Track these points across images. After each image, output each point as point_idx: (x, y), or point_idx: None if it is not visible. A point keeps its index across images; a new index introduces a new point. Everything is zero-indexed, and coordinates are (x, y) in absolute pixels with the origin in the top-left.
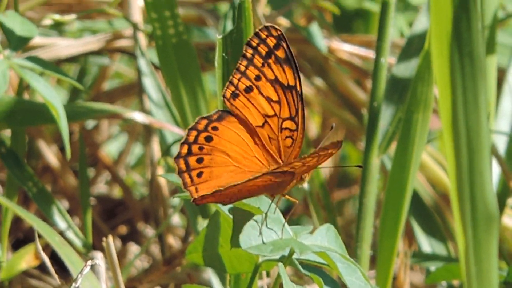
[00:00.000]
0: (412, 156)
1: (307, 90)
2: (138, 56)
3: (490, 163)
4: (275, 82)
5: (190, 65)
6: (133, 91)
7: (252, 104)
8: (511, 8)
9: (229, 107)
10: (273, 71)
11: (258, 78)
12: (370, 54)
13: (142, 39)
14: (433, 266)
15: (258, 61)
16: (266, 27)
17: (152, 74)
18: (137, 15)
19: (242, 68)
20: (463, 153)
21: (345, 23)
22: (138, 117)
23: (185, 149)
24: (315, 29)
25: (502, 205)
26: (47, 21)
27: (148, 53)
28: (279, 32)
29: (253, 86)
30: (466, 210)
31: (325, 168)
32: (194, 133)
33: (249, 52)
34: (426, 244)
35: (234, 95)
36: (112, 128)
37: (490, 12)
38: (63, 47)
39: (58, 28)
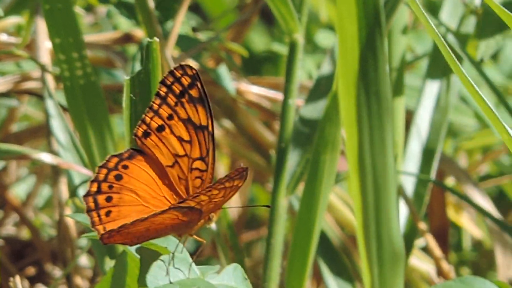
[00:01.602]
0: (319, 197)
1: (215, 132)
2: (46, 98)
3: (397, 203)
4: (187, 121)
5: (98, 106)
6: (41, 133)
7: (163, 143)
8: (419, 50)
9: (140, 145)
10: (186, 111)
11: (170, 117)
12: (279, 96)
13: (50, 81)
14: None
15: (171, 100)
16: (181, 65)
17: (60, 116)
18: (45, 57)
19: (155, 107)
20: (369, 192)
21: (254, 66)
22: (46, 158)
23: (94, 187)
24: (223, 71)
25: (410, 246)
26: None
27: (57, 95)
28: (194, 72)
29: (165, 125)
30: (372, 249)
31: (233, 208)
32: (104, 171)
33: (163, 91)
34: (333, 284)
35: (146, 134)
36: (20, 170)
37: (398, 54)
38: None
39: None
